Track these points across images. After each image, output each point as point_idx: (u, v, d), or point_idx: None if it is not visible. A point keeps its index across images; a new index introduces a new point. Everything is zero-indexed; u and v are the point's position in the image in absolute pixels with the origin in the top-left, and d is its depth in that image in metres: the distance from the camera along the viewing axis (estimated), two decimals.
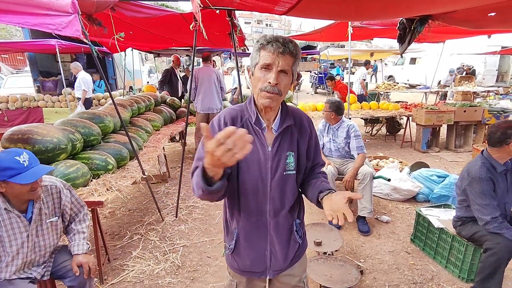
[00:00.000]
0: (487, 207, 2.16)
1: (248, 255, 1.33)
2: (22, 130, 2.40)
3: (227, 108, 1.32)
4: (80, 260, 1.86)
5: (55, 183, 1.87)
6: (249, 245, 1.32)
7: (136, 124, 4.14)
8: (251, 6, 2.66)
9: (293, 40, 1.17)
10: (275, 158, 1.24)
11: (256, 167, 1.24)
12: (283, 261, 1.34)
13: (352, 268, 2.34)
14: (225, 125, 1.23)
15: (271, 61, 1.13)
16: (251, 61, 1.22)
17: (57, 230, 1.90)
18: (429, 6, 2.42)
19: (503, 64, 13.67)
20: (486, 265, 2.17)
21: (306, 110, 6.28)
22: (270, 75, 1.14)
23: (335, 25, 5.29)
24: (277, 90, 1.15)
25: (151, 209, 3.79)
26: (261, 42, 1.17)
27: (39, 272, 1.84)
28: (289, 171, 1.26)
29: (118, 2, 2.93)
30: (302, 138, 1.30)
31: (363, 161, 3.33)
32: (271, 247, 1.32)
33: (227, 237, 1.41)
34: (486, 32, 5.04)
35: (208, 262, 2.81)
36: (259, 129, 1.24)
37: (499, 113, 6.06)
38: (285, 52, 1.13)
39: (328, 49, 11.79)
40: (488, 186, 2.18)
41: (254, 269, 1.34)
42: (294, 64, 1.18)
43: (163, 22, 3.93)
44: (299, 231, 1.37)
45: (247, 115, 1.26)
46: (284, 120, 1.26)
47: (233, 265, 1.39)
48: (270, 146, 1.24)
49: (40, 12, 2.24)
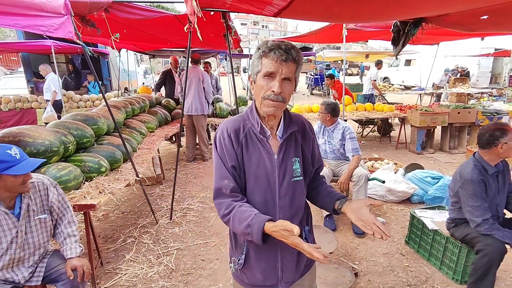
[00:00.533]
0: (478, 209, 2.17)
1: (260, 268, 1.27)
2: (13, 133, 2.37)
3: (227, 120, 1.30)
4: (75, 264, 1.84)
5: (42, 180, 1.87)
6: (260, 258, 1.27)
7: (130, 126, 4.11)
8: (242, 8, 2.66)
9: (295, 45, 1.15)
10: (282, 165, 1.22)
11: (264, 176, 1.21)
12: (295, 271, 1.30)
13: (346, 271, 2.34)
14: (229, 138, 1.21)
15: (274, 69, 1.11)
16: (252, 69, 1.19)
17: (47, 228, 1.88)
18: (422, 9, 2.43)
19: (496, 66, 13.85)
20: (478, 266, 2.18)
21: (301, 112, 6.28)
22: (274, 83, 1.12)
23: (330, 27, 5.30)
24: (281, 98, 1.13)
25: (145, 211, 3.76)
26: (262, 49, 1.13)
27: (24, 276, 1.80)
28: (297, 178, 1.24)
29: (111, 4, 2.91)
30: (306, 143, 1.29)
31: (358, 163, 3.34)
32: (282, 258, 1.27)
33: (235, 251, 1.33)
34: (479, 35, 5.08)
35: (202, 265, 2.79)
36: (263, 137, 1.22)
37: (493, 114, 6.11)
38: (288, 60, 1.11)
39: (323, 51, 11.85)
40: (480, 188, 2.19)
41: (266, 282, 1.29)
42: (296, 71, 1.17)
43: (157, 23, 3.91)
44: (308, 238, 1.33)
45: (249, 124, 1.24)
46: (288, 126, 1.25)
47: (244, 280, 1.33)
48: (276, 153, 1.22)
49: (31, 14, 2.21)
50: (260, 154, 1.21)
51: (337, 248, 2.61)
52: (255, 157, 1.21)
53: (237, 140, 1.21)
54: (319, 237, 2.62)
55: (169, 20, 3.82)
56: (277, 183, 1.21)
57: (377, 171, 4.32)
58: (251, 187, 1.22)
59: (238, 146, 1.21)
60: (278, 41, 1.14)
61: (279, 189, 1.22)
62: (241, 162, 1.22)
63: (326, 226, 3.21)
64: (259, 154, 1.21)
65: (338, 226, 3.42)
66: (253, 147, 1.22)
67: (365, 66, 19.98)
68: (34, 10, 2.19)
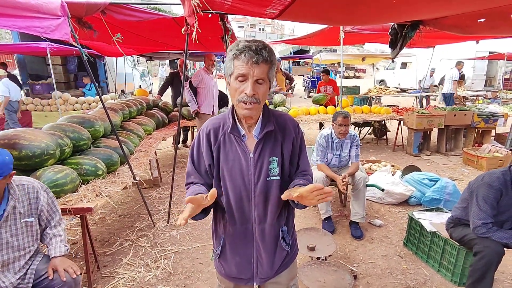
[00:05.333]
0: (483, 213, 2.17)
1: (234, 261, 1.33)
2: (8, 135, 2.34)
3: (211, 118, 1.35)
4: (56, 264, 1.79)
5: (33, 183, 1.84)
6: (235, 252, 1.33)
7: (127, 128, 4.09)
8: (242, 9, 2.65)
9: (267, 44, 1.16)
10: (258, 164, 1.24)
11: (239, 174, 1.24)
12: (270, 269, 1.33)
13: (345, 273, 2.33)
14: (207, 137, 1.28)
15: (246, 71, 1.12)
16: (226, 70, 1.20)
17: (33, 232, 1.84)
18: (420, 12, 2.45)
19: (491, 69, 13.99)
20: (476, 268, 2.18)
21: (299, 114, 6.28)
22: (246, 86, 1.13)
23: (327, 29, 5.32)
24: (255, 99, 1.15)
25: (142, 214, 3.73)
26: (233, 52, 1.14)
27: (11, 282, 1.74)
28: (273, 177, 1.25)
29: (108, 5, 2.90)
30: (286, 142, 1.29)
31: (357, 169, 3.36)
32: (257, 255, 1.31)
33: (214, 242, 1.42)
34: (475, 38, 5.14)
35: (200, 268, 2.77)
36: (238, 136, 1.25)
37: (488, 117, 6.17)
38: (259, 61, 1.11)
39: (320, 54, 11.86)
40: (494, 195, 2.17)
41: (240, 275, 1.34)
42: (270, 71, 1.17)
43: (154, 26, 3.90)
44: (286, 238, 1.35)
45: (228, 123, 1.26)
46: (265, 125, 1.26)
47: (221, 270, 1.40)
48: (252, 152, 1.24)
49: (28, 15, 2.20)
50: (236, 152, 1.25)
51: (336, 250, 2.61)
52: (231, 155, 1.25)
53: (215, 138, 1.27)
54: (317, 240, 2.62)
55: (166, 22, 3.81)
56: (252, 181, 1.24)
57: (375, 173, 4.33)
58: (227, 185, 1.26)
59: (216, 144, 1.27)
60: (250, 41, 1.14)
61: (254, 187, 1.25)
62: (216, 160, 1.27)
63: (324, 228, 3.20)
64: (235, 152, 1.25)
65: (336, 228, 3.41)
66: (230, 145, 1.26)
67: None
68: (31, 12, 2.18)
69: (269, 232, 1.30)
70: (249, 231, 1.29)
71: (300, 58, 18.64)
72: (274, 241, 1.32)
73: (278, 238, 1.33)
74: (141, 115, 4.97)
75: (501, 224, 2.24)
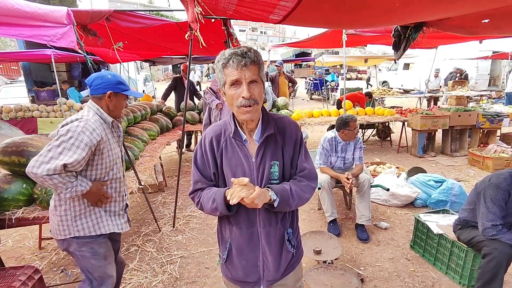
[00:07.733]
0: (492, 214, 2.15)
1: (241, 265, 1.34)
2: (16, 143, 2.37)
3: (212, 125, 1.38)
4: None
5: None
6: (241, 255, 1.33)
7: (132, 134, 4.11)
8: (246, 15, 2.67)
9: (251, 48, 1.20)
10: (260, 168, 1.26)
11: None
12: (276, 271, 1.33)
13: (352, 277, 2.32)
14: (210, 144, 1.30)
15: (237, 76, 1.15)
16: (219, 82, 1.24)
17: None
18: (423, 14, 2.45)
19: (494, 69, 13.89)
20: (485, 270, 2.16)
21: (302, 117, 6.29)
22: (242, 89, 1.16)
23: (329, 32, 5.34)
24: (253, 101, 1.17)
25: (148, 219, 3.74)
26: (221, 62, 1.18)
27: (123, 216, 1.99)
28: (274, 181, 1.27)
29: (113, 13, 2.93)
30: (287, 145, 1.31)
31: (361, 171, 3.36)
32: (263, 258, 1.32)
33: (220, 247, 1.43)
34: (478, 38, 5.12)
35: (207, 273, 2.77)
36: (240, 141, 1.27)
37: (493, 117, 6.13)
38: (248, 63, 1.15)
39: (322, 56, 11.87)
40: (502, 196, 2.16)
41: (247, 279, 1.35)
42: (260, 71, 1.20)
43: (158, 31, 3.94)
44: (291, 241, 1.36)
45: (229, 129, 1.29)
46: (265, 129, 1.27)
47: (227, 274, 1.41)
48: (254, 156, 1.26)
49: (35, 24, 2.24)
50: (239, 158, 1.27)
51: (342, 254, 2.60)
52: (234, 160, 1.27)
53: (218, 145, 1.29)
54: (324, 243, 2.61)
55: (170, 28, 3.84)
56: (256, 185, 1.25)
57: (380, 175, 4.31)
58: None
59: (218, 150, 1.28)
60: (234, 48, 1.18)
61: None
62: (220, 166, 1.30)
63: (330, 231, 3.19)
64: (238, 158, 1.27)
65: (342, 231, 3.40)
66: (233, 151, 1.28)
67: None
68: (37, 21, 2.22)
69: (275, 235, 1.31)
70: (255, 235, 1.30)
71: (302, 61, 18.64)
72: (279, 243, 1.33)
73: (283, 240, 1.34)
74: (145, 120, 5.00)
75: (509, 226, 2.22)
